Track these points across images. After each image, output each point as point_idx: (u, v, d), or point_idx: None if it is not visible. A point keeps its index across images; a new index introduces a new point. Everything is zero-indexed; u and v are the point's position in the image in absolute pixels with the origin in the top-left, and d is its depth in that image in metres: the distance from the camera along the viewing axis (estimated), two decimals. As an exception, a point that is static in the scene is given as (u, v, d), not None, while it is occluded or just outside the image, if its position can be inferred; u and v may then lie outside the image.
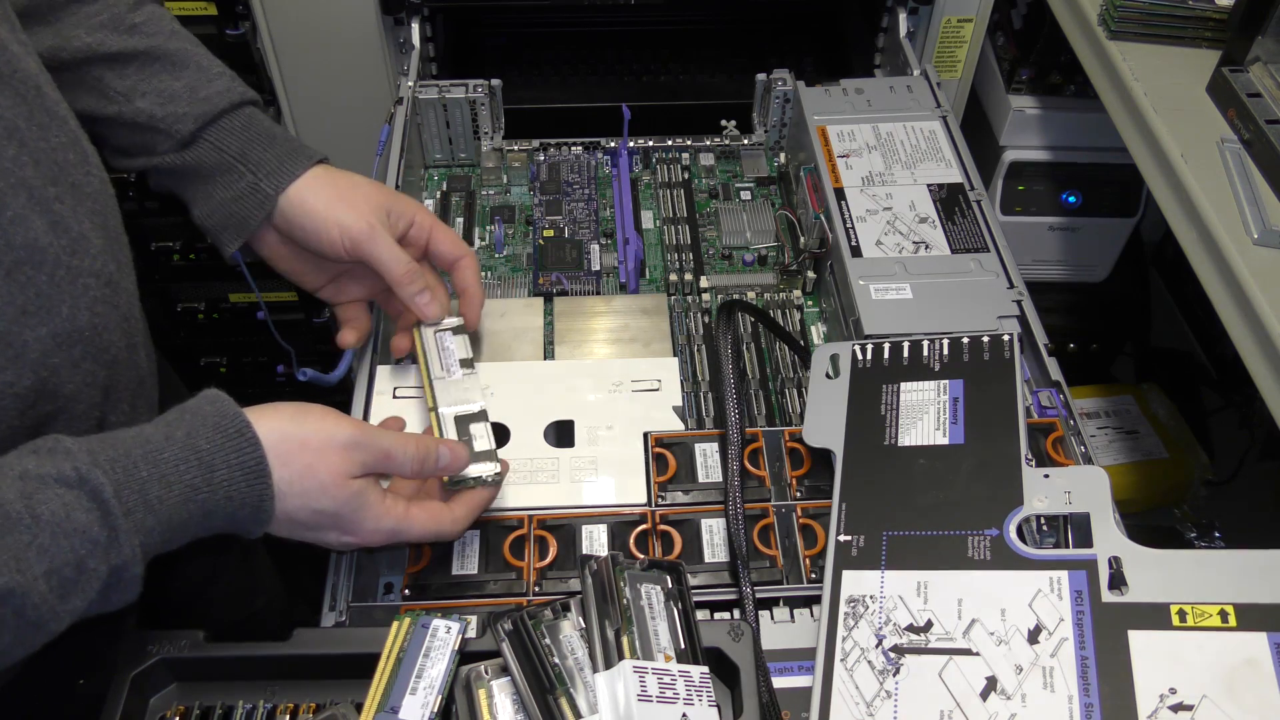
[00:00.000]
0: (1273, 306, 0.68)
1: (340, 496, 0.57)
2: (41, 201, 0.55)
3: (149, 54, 0.69)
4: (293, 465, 0.56)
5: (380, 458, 0.59)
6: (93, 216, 0.60)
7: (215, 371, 1.38)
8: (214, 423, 0.54)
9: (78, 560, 0.48)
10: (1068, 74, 1.17)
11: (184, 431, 0.54)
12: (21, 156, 0.55)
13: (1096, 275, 1.32)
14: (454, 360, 0.73)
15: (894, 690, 0.57)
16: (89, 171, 0.61)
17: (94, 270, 0.59)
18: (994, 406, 0.67)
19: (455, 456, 0.64)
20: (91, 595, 0.49)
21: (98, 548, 0.49)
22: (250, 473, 0.54)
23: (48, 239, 0.55)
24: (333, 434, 0.58)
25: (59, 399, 0.57)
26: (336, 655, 0.58)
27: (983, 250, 0.82)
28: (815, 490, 0.70)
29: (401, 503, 0.61)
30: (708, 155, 1.05)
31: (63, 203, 0.57)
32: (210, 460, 0.53)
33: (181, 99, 0.69)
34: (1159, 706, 0.53)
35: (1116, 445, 1.31)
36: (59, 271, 0.56)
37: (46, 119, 0.58)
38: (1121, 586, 0.57)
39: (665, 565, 0.61)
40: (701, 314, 0.88)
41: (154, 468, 0.52)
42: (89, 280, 0.58)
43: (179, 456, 0.53)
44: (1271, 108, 0.79)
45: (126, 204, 1.19)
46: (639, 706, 0.53)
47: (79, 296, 0.57)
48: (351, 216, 0.70)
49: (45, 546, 0.47)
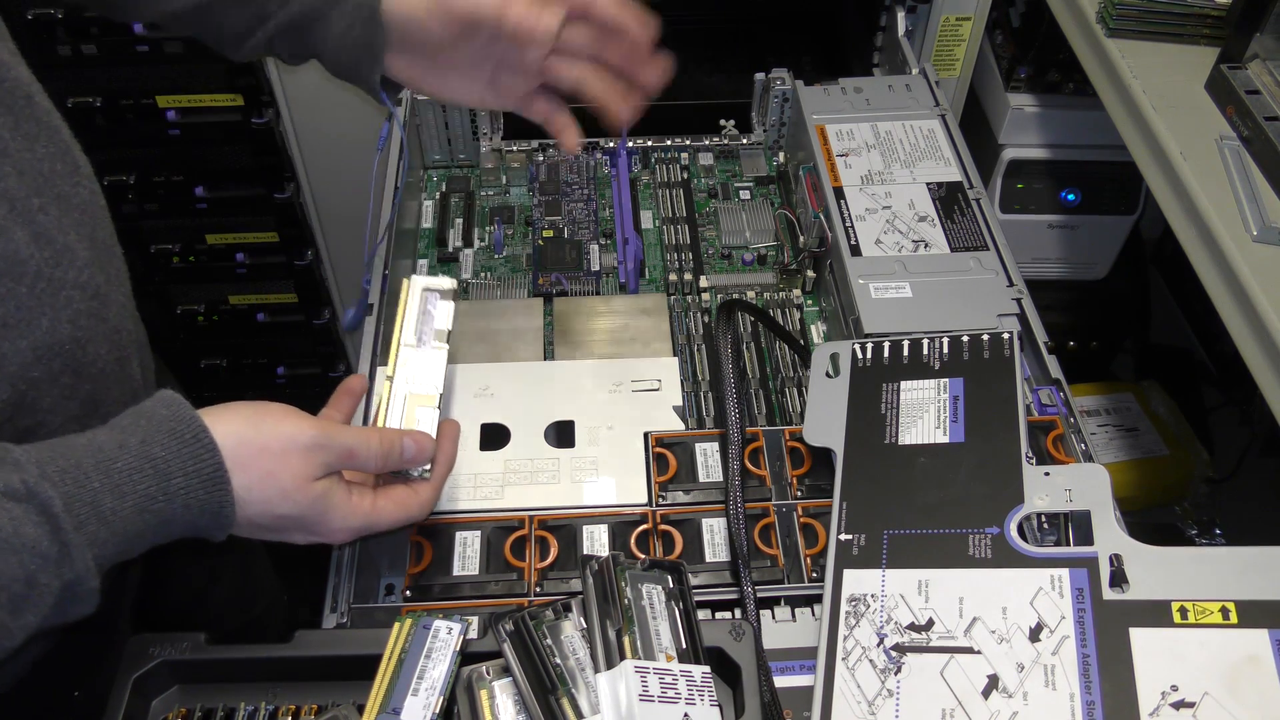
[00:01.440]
0: (1272, 303, 0.68)
1: (303, 501, 0.56)
2: (24, 213, 0.54)
3: None
4: (252, 471, 0.54)
5: (343, 456, 0.58)
6: (79, 228, 0.59)
7: (215, 373, 1.38)
8: (169, 428, 0.52)
9: (27, 575, 0.46)
10: (1066, 72, 1.17)
11: (138, 439, 0.51)
12: (4, 166, 0.54)
13: (1096, 273, 1.32)
14: (431, 329, 0.68)
15: (896, 689, 0.57)
16: (78, 182, 0.60)
17: (78, 283, 0.57)
18: (994, 405, 0.67)
19: (420, 448, 0.61)
20: (45, 610, 0.48)
21: (48, 563, 0.47)
22: (208, 480, 0.52)
23: (29, 250, 0.54)
24: (293, 436, 0.55)
25: (38, 413, 0.56)
26: (338, 657, 0.58)
27: (982, 248, 0.82)
28: (816, 489, 0.70)
29: (368, 496, 0.60)
30: (707, 155, 1.05)
31: (47, 214, 0.56)
32: (166, 468, 0.51)
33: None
34: (1160, 704, 0.53)
35: (1117, 443, 1.31)
36: (40, 284, 0.55)
37: (34, 129, 0.58)
38: (1122, 584, 0.57)
39: (666, 565, 0.61)
40: (701, 314, 0.88)
41: (106, 478, 0.49)
42: (72, 293, 0.57)
43: (133, 465, 0.50)
44: (1270, 105, 0.79)
45: (126, 206, 1.19)
46: (641, 706, 0.53)
47: (61, 309, 0.56)
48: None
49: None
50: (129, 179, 1.16)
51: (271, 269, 1.28)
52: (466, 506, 0.69)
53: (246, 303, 1.31)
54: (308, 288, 1.30)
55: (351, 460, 0.58)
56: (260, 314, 1.32)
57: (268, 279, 1.29)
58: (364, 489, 0.60)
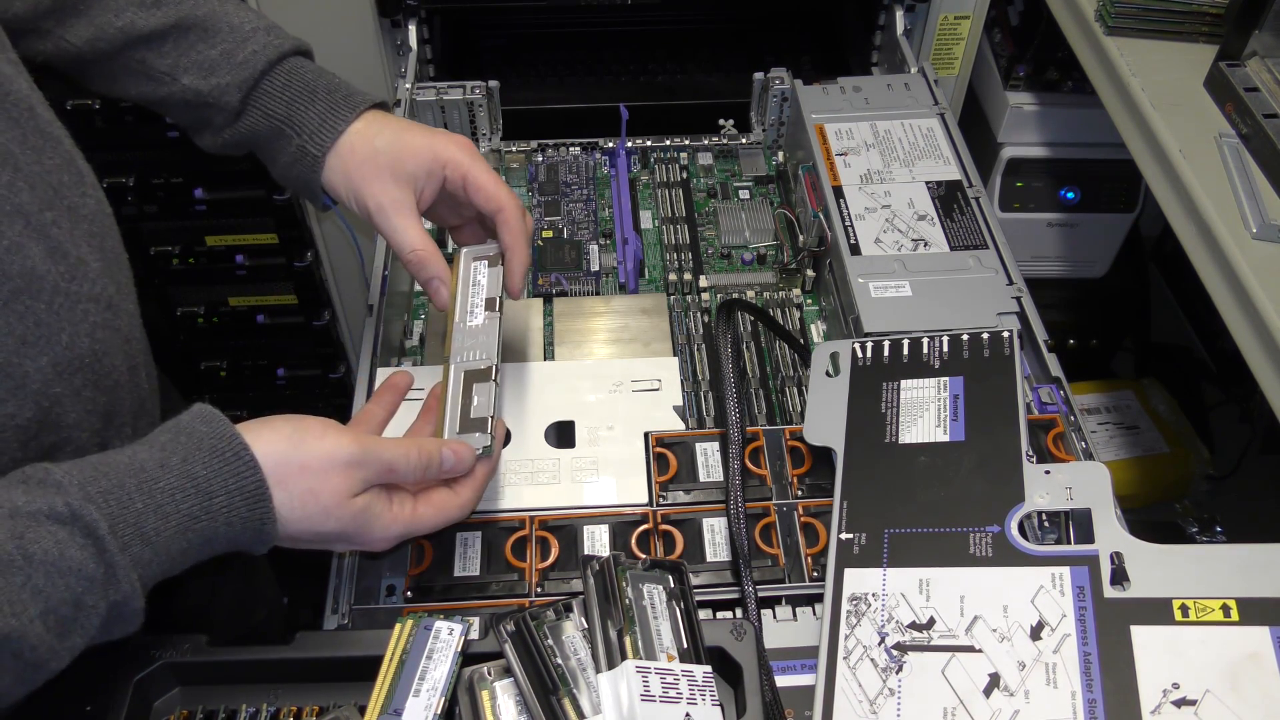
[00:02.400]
0: (1272, 300, 0.68)
1: (345, 517, 0.56)
2: (38, 227, 0.54)
3: (180, 25, 0.67)
4: (293, 488, 0.54)
5: (382, 472, 0.58)
6: (90, 239, 0.59)
7: (215, 375, 1.38)
8: (210, 445, 0.52)
9: (74, 599, 0.47)
10: (1065, 70, 1.18)
11: (179, 457, 0.51)
12: (17, 182, 0.54)
13: (1095, 271, 1.32)
14: (480, 299, 0.69)
15: (897, 688, 0.57)
16: (85, 192, 0.60)
17: (93, 295, 0.57)
18: (994, 403, 0.67)
19: (459, 459, 0.62)
20: (92, 631, 0.48)
21: (95, 584, 0.47)
22: (250, 497, 0.52)
23: (45, 266, 0.54)
24: (333, 454, 0.55)
25: (62, 429, 0.55)
26: (339, 658, 0.58)
27: (982, 247, 0.82)
28: (816, 488, 0.70)
29: (409, 503, 0.60)
30: (706, 155, 1.05)
31: (59, 227, 0.56)
32: (208, 487, 0.51)
33: (221, 68, 0.67)
34: (1162, 701, 0.53)
35: (1117, 441, 1.31)
36: (58, 299, 0.54)
37: (40, 141, 0.57)
38: (1123, 582, 0.57)
39: (667, 565, 0.61)
40: (701, 313, 0.88)
41: (149, 498, 0.50)
42: (88, 305, 0.57)
43: (175, 485, 0.51)
44: (1269, 102, 0.79)
45: (126, 208, 1.18)
46: (642, 706, 0.53)
47: (79, 323, 0.56)
48: (370, 189, 0.67)
49: (40, 587, 0.46)
50: (128, 181, 1.16)
51: (271, 270, 1.28)
52: (467, 507, 0.69)
53: (246, 304, 1.31)
54: (307, 289, 1.30)
55: (391, 475, 0.59)
56: (260, 315, 1.32)
57: (267, 280, 1.29)
58: (404, 496, 0.61)
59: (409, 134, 0.68)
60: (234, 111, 0.68)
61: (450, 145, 0.68)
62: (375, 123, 0.69)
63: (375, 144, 0.68)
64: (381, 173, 0.67)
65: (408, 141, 0.68)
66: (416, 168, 0.67)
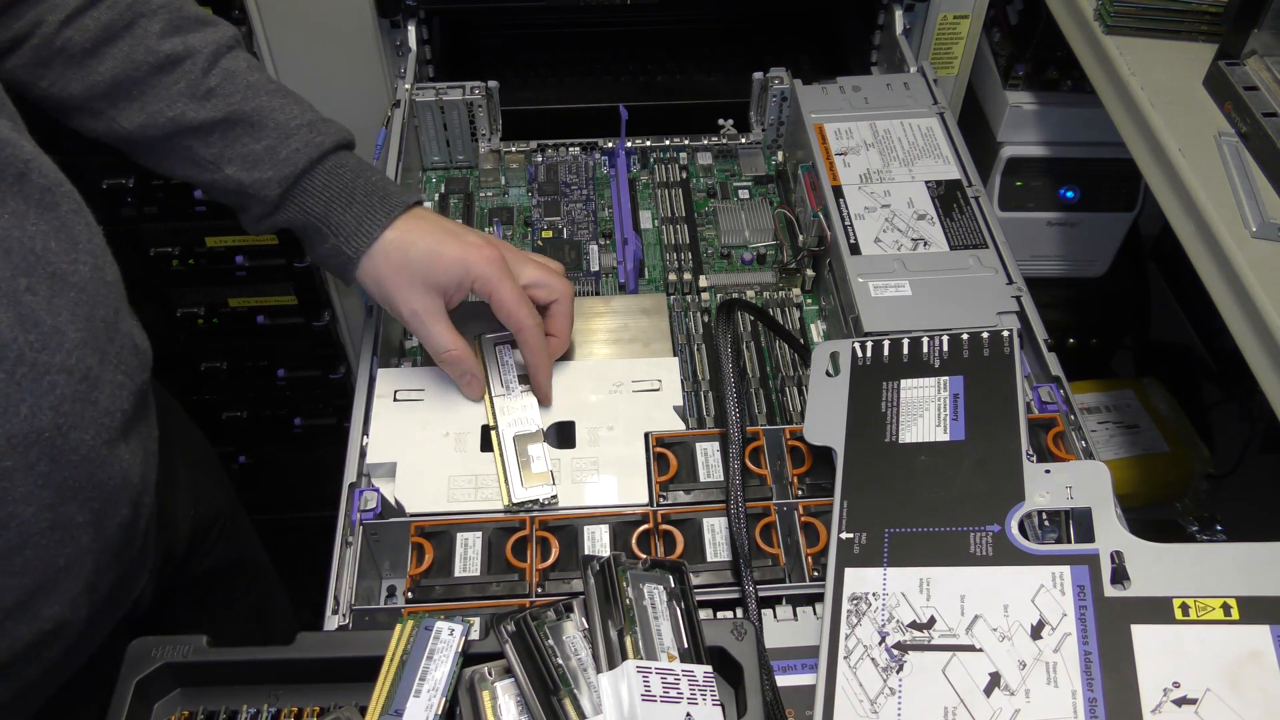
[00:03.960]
0: (1271, 299, 0.68)
1: None
2: (9, 294, 0.53)
3: (229, 119, 0.70)
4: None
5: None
6: (75, 308, 0.57)
7: (215, 376, 1.38)
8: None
9: None
10: (1064, 69, 1.18)
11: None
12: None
13: (1095, 270, 1.32)
14: (513, 375, 0.75)
15: (898, 687, 0.57)
16: (76, 259, 0.58)
17: (65, 366, 0.55)
18: (994, 402, 0.67)
19: None
20: None
21: None
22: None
23: (12, 333, 0.52)
24: None
25: (7, 504, 0.53)
26: (340, 659, 0.58)
27: (981, 246, 0.82)
28: (817, 488, 0.70)
29: None
30: (705, 154, 1.05)
31: (35, 294, 0.54)
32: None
33: (264, 163, 0.70)
34: (1163, 700, 0.53)
35: (1117, 440, 1.31)
36: (21, 369, 0.53)
37: (23, 206, 0.56)
38: (1124, 581, 0.57)
39: (667, 565, 0.61)
40: (701, 313, 0.88)
41: None
42: (57, 377, 0.55)
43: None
44: (1269, 101, 0.79)
45: (125, 209, 1.19)
46: (643, 706, 0.53)
47: (43, 395, 0.54)
48: (402, 295, 0.71)
49: None
50: (128, 182, 1.16)
51: (271, 271, 1.28)
52: (467, 508, 0.69)
53: (246, 305, 1.31)
54: (307, 290, 1.30)
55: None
56: (260, 316, 1.32)
57: (267, 281, 1.29)
58: None
59: (443, 245, 0.71)
60: (273, 204, 0.71)
61: (481, 262, 0.71)
62: (411, 230, 0.71)
63: (409, 254, 0.71)
64: (414, 282, 0.71)
65: (441, 254, 0.71)
66: (448, 280, 0.71)
